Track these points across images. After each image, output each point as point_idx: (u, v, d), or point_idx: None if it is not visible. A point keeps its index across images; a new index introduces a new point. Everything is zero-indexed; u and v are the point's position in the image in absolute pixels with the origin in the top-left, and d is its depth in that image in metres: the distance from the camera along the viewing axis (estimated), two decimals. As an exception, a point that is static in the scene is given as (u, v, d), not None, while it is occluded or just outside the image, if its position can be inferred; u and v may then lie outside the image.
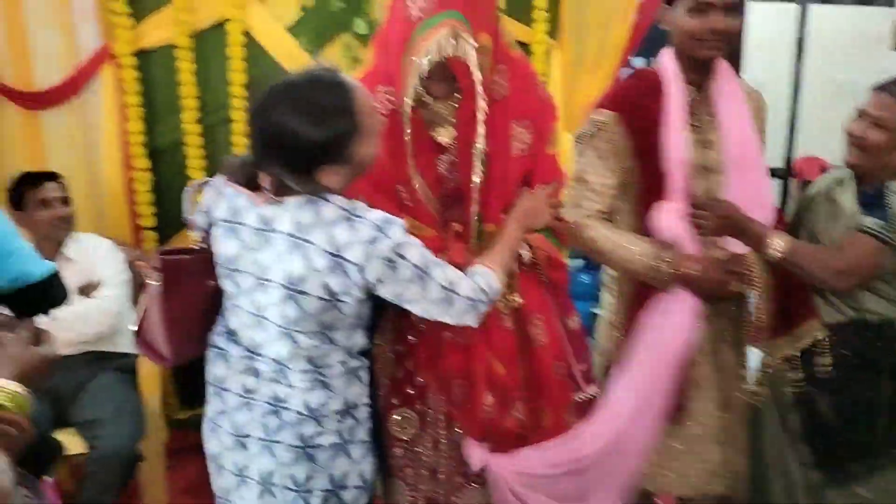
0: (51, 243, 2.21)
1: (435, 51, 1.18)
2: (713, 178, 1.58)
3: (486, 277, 1.29)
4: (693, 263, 1.51)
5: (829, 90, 5.38)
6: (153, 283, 1.32)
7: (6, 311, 1.28)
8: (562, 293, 1.59)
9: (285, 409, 1.27)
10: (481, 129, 1.26)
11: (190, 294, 1.32)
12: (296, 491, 1.27)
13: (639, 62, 3.81)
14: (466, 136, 1.30)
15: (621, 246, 1.56)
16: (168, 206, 2.74)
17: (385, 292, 1.22)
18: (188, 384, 2.87)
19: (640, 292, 1.62)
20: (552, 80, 2.85)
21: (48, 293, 1.34)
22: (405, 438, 1.51)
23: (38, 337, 1.01)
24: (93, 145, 2.61)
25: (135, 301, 2.37)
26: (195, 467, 2.59)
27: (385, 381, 1.53)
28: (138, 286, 2.40)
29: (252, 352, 1.28)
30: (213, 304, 1.33)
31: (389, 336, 1.52)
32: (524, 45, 2.80)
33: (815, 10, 5.22)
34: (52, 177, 2.24)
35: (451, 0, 1.20)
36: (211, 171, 2.70)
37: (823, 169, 5.87)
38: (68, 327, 2.04)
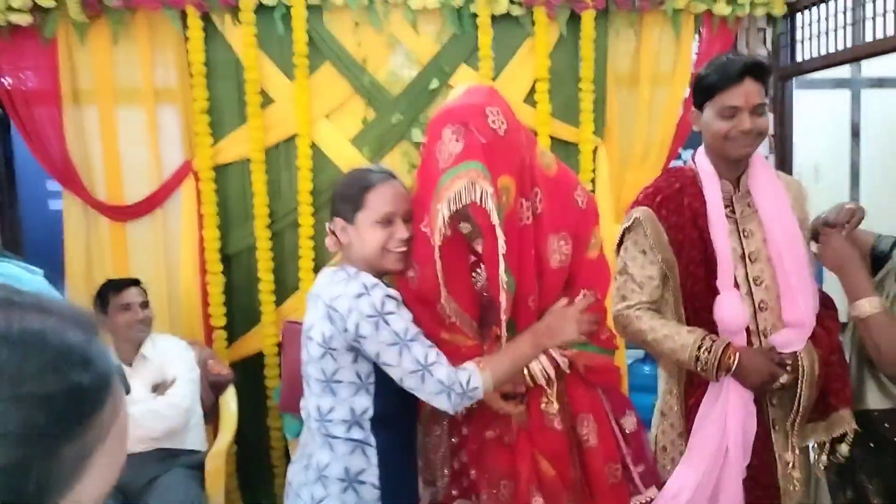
0: (131, 344, 2.38)
1: (454, 200, 1.30)
2: (756, 266, 1.61)
3: (468, 373, 1.36)
4: (735, 354, 1.52)
5: (887, 172, 5.29)
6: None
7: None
8: (614, 393, 1.60)
9: (308, 466, 1.44)
10: (502, 265, 1.34)
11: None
12: None
13: (688, 154, 3.89)
14: (492, 267, 1.39)
15: (666, 337, 1.59)
16: (238, 306, 2.91)
17: (369, 350, 1.34)
18: (252, 479, 2.94)
19: (692, 383, 1.64)
20: (600, 177, 2.94)
21: None
22: None
23: None
24: (171, 251, 2.83)
25: (204, 397, 2.49)
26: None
27: (446, 472, 1.56)
28: (210, 383, 2.54)
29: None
30: None
31: (446, 427, 1.57)
32: (573, 145, 2.93)
33: (867, 94, 5.23)
34: (133, 283, 2.44)
35: (472, 151, 1.32)
36: (279, 273, 2.88)
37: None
38: (141, 424, 2.16)
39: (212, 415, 2.59)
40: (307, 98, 2.79)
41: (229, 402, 2.58)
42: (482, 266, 1.46)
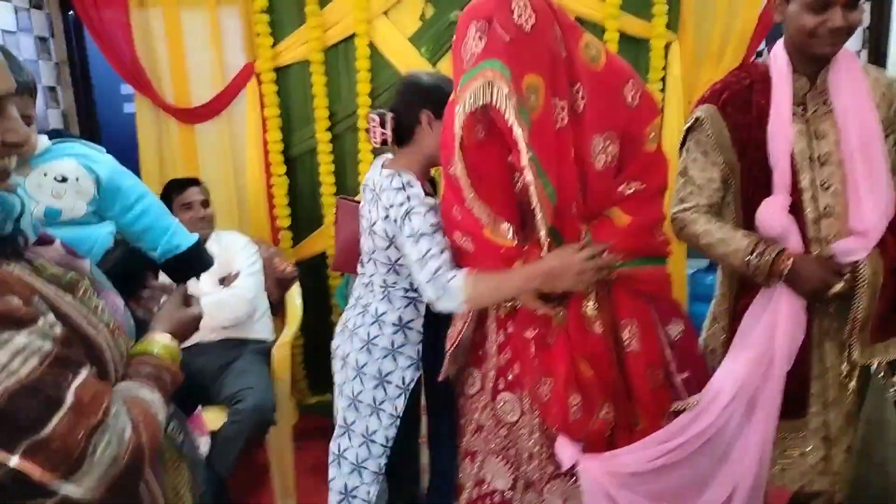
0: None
1: (469, 101, 1.26)
2: (825, 170, 1.51)
3: (455, 274, 1.47)
4: (788, 261, 1.47)
5: None
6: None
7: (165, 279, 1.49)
8: (663, 301, 1.57)
9: (365, 312, 1.72)
10: (529, 169, 1.29)
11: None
12: (356, 370, 1.71)
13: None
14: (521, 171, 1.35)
15: (721, 241, 1.55)
16: (302, 208, 2.99)
17: (400, 242, 1.55)
18: (317, 372, 3.12)
19: (745, 287, 1.60)
20: (671, 75, 2.77)
21: (196, 261, 1.56)
22: (511, 421, 1.59)
23: (188, 299, 1.19)
24: (238, 154, 2.91)
25: (271, 292, 2.63)
26: (321, 449, 2.84)
27: (492, 367, 1.62)
28: (275, 280, 2.67)
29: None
30: None
31: (494, 325, 1.61)
32: (643, 41, 2.76)
33: None
34: (194, 182, 2.55)
35: (493, 51, 1.26)
36: (340, 177, 2.92)
37: None
38: (209, 313, 2.30)
39: (279, 309, 2.74)
40: (365, -5, 2.72)
41: (294, 297, 2.71)
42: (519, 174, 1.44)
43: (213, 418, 2.28)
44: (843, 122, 1.48)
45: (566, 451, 1.49)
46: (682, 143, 1.66)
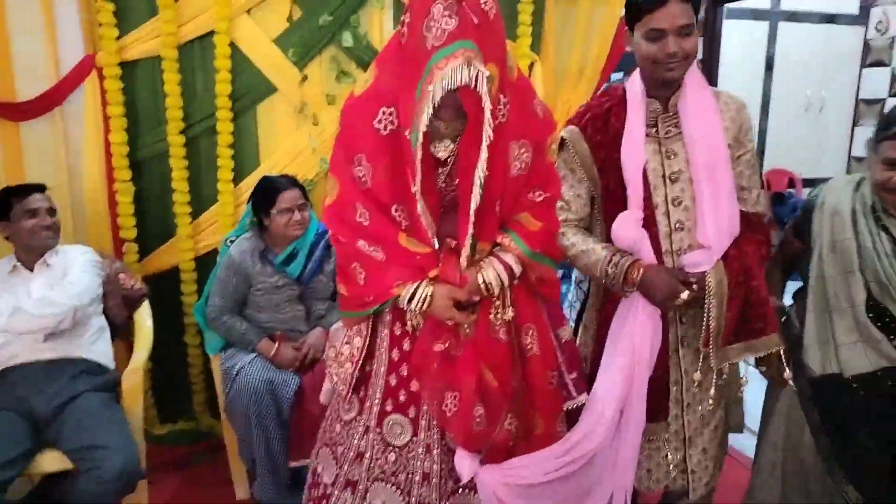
0: (35, 252, 2.19)
1: (449, 79, 1.21)
2: (676, 187, 1.64)
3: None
4: (638, 270, 1.57)
5: (798, 105, 5.56)
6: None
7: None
8: (554, 306, 1.63)
9: None
10: (484, 154, 1.29)
11: None
12: None
13: (617, 76, 3.91)
14: (468, 159, 1.32)
15: (584, 252, 1.66)
16: (151, 217, 2.72)
17: None
18: (169, 399, 2.84)
19: (607, 297, 1.72)
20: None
21: None
22: (401, 443, 1.53)
23: None
24: (74, 156, 2.59)
25: (116, 312, 2.35)
26: (175, 484, 2.59)
27: (378, 389, 1.55)
28: (123, 298, 2.38)
29: None
30: None
31: (387, 343, 1.55)
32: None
33: (784, 27, 5.40)
34: (38, 188, 2.23)
35: (466, 30, 1.23)
36: (194, 183, 2.70)
37: (792, 181, 6.03)
38: (33, 313, 2.05)
39: (125, 331, 2.45)
40: (226, -9, 2.54)
41: (144, 318, 2.44)
42: (441, 168, 1.40)
43: (47, 460, 1.97)
44: (690, 144, 1.61)
45: (465, 464, 1.47)
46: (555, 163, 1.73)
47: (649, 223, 1.62)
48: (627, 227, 1.61)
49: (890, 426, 1.64)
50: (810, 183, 5.67)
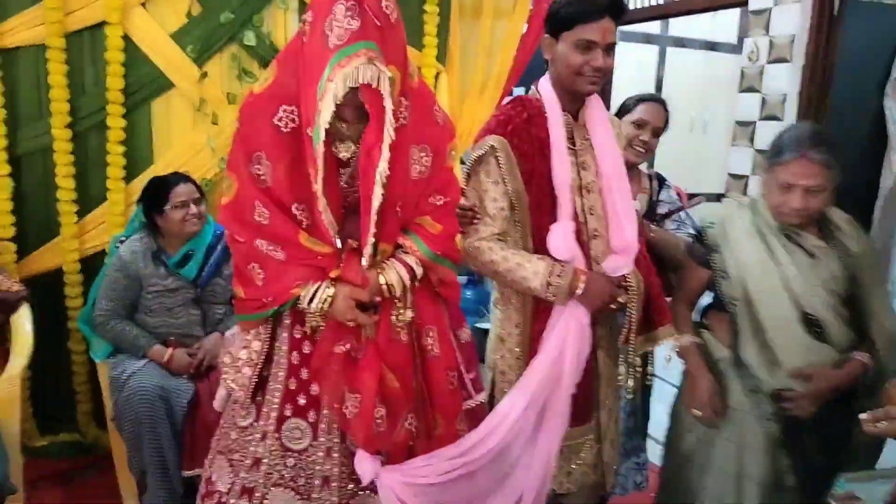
0: None
1: (352, 77, 1.23)
2: (591, 197, 1.71)
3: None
4: (585, 278, 1.62)
5: (683, 125, 5.97)
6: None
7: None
8: (454, 308, 1.66)
9: None
10: (386, 154, 1.30)
11: None
12: None
13: (518, 91, 4.05)
14: (370, 159, 1.33)
15: (519, 265, 1.63)
16: (31, 215, 2.55)
17: None
18: (50, 409, 2.66)
19: (537, 308, 1.71)
20: (440, 103, 2.95)
21: None
22: (300, 448, 1.52)
23: None
24: (-57, 148, 2.38)
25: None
26: (58, 498, 2.42)
27: (276, 393, 1.53)
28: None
29: None
30: None
31: (286, 346, 1.53)
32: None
33: (672, 52, 5.79)
34: None
35: (368, 31, 1.25)
36: (81, 180, 2.55)
37: (678, 195, 6.44)
38: None
39: (1, 337, 2.28)
40: (119, -20, 2.44)
41: (23, 322, 2.27)
42: (343, 169, 1.41)
43: None
44: (600, 155, 1.70)
45: (366, 465, 1.48)
46: (468, 175, 1.71)
47: (579, 233, 1.66)
48: (565, 238, 1.62)
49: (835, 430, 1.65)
50: (694, 197, 6.10)
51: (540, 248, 1.66)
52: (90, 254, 2.61)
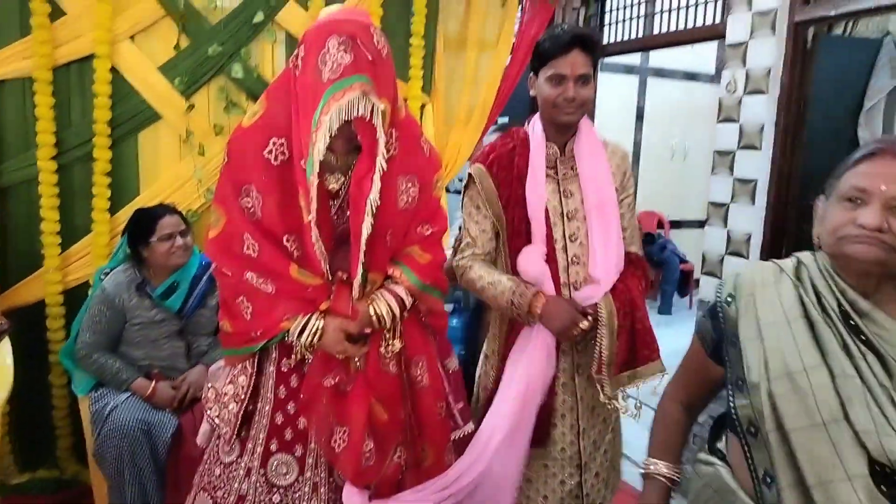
0: None
1: (346, 110, 1.26)
2: (573, 224, 1.75)
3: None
4: (541, 301, 1.65)
5: (665, 153, 6.08)
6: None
7: None
8: (442, 338, 1.67)
9: None
10: (377, 184, 1.33)
11: None
12: None
13: (503, 120, 4.11)
14: (360, 189, 1.35)
15: (491, 284, 1.70)
16: (14, 247, 2.53)
17: None
18: (29, 444, 2.61)
19: (511, 328, 1.76)
20: (425, 133, 2.98)
21: None
22: (283, 485, 1.50)
23: None
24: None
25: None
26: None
27: (262, 429, 1.52)
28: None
29: None
30: None
31: (273, 380, 1.53)
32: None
33: (652, 82, 5.92)
34: None
35: (361, 65, 1.28)
36: (65, 212, 2.54)
37: (661, 222, 6.51)
38: None
39: (-21, 371, 2.24)
40: (108, 14, 2.46)
41: (4, 355, 2.24)
42: (332, 200, 1.42)
43: None
44: (584, 185, 1.74)
45: (354, 500, 1.47)
46: (462, 200, 1.80)
47: (550, 257, 1.70)
48: (532, 260, 1.68)
49: None
50: (677, 224, 6.18)
51: (516, 269, 1.72)
52: (73, 286, 2.59)
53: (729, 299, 1.12)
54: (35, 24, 2.37)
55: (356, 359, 1.46)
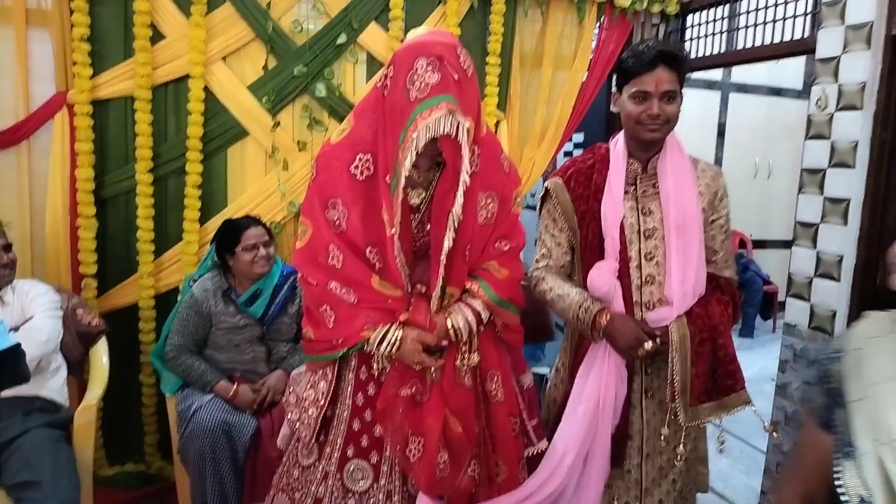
0: (-12, 289, 2.14)
1: (433, 128, 1.29)
2: (650, 243, 1.71)
3: None
4: (606, 317, 1.63)
5: (747, 170, 5.86)
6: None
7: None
8: (517, 353, 1.68)
9: None
10: (460, 199, 1.36)
11: None
12: None
13: (578, 137, 4.08)
14: (443, 204, 1.39)
15: (561, 296, 1.71)
16: (113, 254, 2.70)
17: None
18: (118, 439, 2.76)
19: (580, 342, 1.75)
20: (501, 150, 3.01)
21: (7, 366, 1.33)
22: (361, 489, 1.53)
23: None
24: (37, 190, 2.57)
25: (71, 348, 2.30)
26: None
27: (340, 434, 1.56)
28: (76, 334, 2.34)
29: None
30: None
31: (351, 387, 1.57)
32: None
33: (734, 98, 5.73)
34: None
35: (447, 85, 1.32)
36: (159, 222, 2.70)
37: (743, 242, 6.26)
38: None
39: (79, 368, 2.40)
40: (203, 38, 2.61)
41: (101, 354, 2.39)
42: (414, 215, 1.46)
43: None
44: (665, 203, 1.70)
45: (427, 509, 1.48)
46: (539, 212, 1.83)
47: (623, 274, 1.68)
48: (603, 276, 1.67)
49: None
50: (760, 244, 5.94)
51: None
52: (164, 290, 2.74)
53: (835, 355, 1.00)
54: (137, 48, 2.54)
55: (432, 370, 1.48)
